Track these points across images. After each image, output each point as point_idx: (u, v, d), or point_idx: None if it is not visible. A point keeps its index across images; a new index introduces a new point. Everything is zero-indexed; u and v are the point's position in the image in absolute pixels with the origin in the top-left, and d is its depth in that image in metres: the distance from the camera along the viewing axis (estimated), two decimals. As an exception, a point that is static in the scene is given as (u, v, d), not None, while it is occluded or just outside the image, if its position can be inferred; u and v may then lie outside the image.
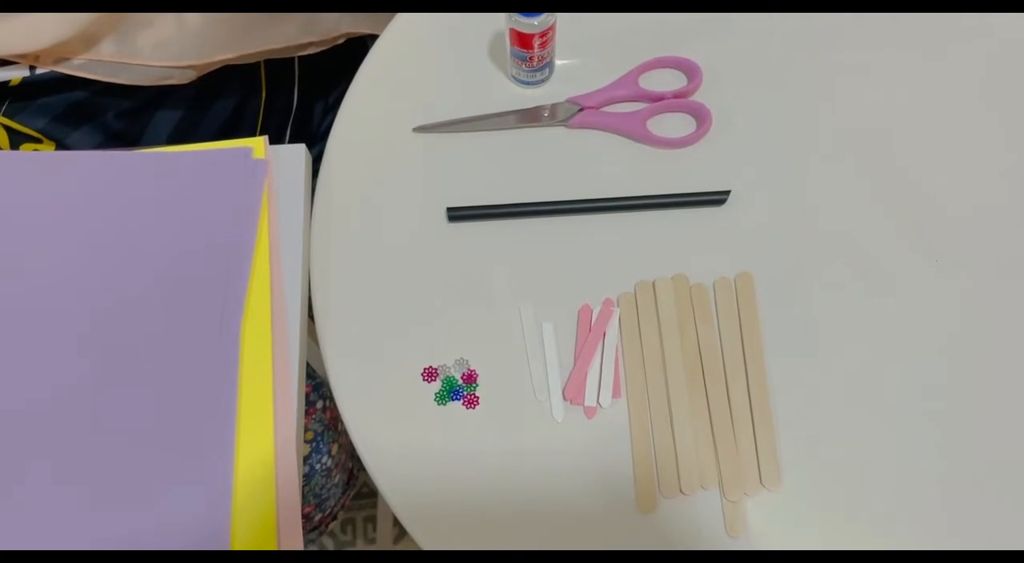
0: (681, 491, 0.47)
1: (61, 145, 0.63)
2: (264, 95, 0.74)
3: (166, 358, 0.47)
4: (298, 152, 0.55)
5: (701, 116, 0.56)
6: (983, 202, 0.54)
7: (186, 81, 0.64)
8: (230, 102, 0.72)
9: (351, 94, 0.59)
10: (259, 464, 0.45)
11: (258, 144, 0.54)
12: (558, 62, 0.59)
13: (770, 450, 0.47)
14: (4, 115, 0.61)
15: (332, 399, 0.50)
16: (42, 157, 0.54)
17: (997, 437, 0.48)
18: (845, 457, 0.48)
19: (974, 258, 0.53)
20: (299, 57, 0.75)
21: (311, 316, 0.54)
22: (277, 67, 0.75)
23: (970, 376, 0.50)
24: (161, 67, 0.61)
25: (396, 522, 1.10)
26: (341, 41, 0.73)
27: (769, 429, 0.48)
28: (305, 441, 0.65)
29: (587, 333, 0.50)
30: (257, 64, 0.73)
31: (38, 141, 0.63)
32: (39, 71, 0.58)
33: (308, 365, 0.63)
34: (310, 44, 0.72)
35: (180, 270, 0.50)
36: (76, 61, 0.58)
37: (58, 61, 0.58)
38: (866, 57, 0.59)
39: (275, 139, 0.76)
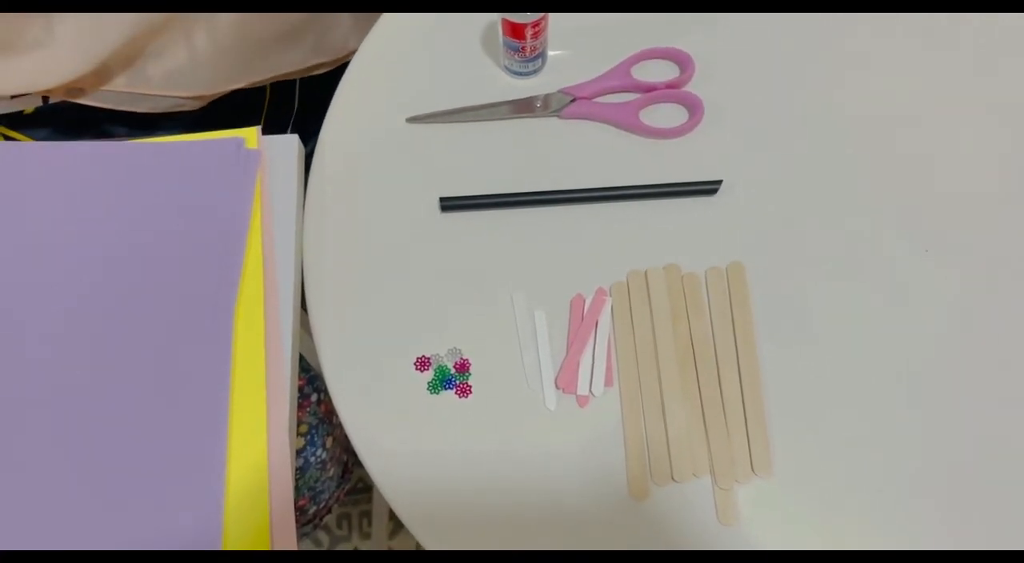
0: (673, 479, 0.47)
1: None
2: (265, 113, 0.75)
3: (157, 351, 0.47)
4: (291, 142, 0.54)
5: (693, 107, 0.56)
6: (976, 193, 0.54)
7: (195, 109, 0.65)
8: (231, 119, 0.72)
9: (344, 84, 0.59)
10: (252, 459, 0.45)
11: (250, 134, 0.54)
12: (551, 53, 0.59)
13: (761, 438, 0.47)
14: (7, 126, 0.61)
15: (327, 392, 0.50)
16: (34, 147, 0.53)
17: (988, 428, 0.48)
18: (836, 445, 0.48)
19: (967, 249, 0.53)
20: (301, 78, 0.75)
21: (304, 308, 0.54)
22: (280, 87, 0.75)
23: (962, 366, 0.50)
24: (171, 97, 0.61)
25: (392, 517, 1.10)
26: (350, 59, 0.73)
27: (760, 417, 0.48)
28: (299, 434, 0.65)
29: (579, 322, 0.51)
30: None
31: None
32: (52, 101, 0.58)
33: (302, 357, 0.63)
34: (320, 65, 0.72)
35: (172, 261, 0.49)
36: (88, 92, 0.58)
37: (70, 93, 0.58)
38: (860, 48, 0.59)
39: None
